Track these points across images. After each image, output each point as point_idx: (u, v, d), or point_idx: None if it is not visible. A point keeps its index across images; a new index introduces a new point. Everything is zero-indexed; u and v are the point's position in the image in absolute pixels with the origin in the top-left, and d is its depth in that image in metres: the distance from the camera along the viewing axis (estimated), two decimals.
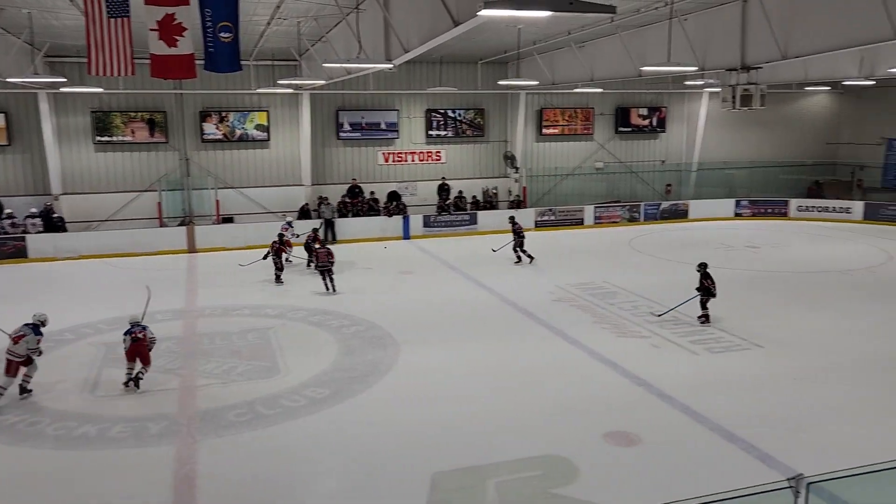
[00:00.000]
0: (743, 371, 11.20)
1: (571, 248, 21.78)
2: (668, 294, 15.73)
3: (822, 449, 8.48)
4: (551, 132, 27.19)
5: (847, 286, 16.77)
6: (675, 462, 8.29)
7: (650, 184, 28.63)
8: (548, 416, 9.62)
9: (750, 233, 24.13)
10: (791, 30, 13.52)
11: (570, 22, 16.65)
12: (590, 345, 12.50)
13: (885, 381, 10.78)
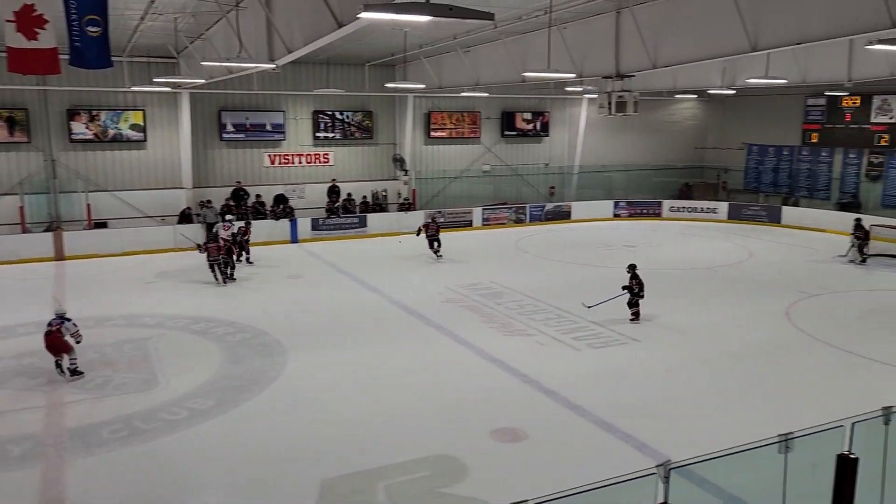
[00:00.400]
0: (621, 364, 11.75)
1: (460, 250, 22.07)
2: (553, 293, 16.29)
3: (691, 435, 9.01)
4: (439, 135, 27.48)
5: (714, 282, 17.94)
6: (559, 455, 8.58)
7: (535, 186, 29.50)
8: (436, 417, 9.71)
9: (627, 232, 25.34)
10: (660, 41, 14.33)
11: (455, 27, 16.92)
12: (478, 344, 12.72)
13: (746, 370, 11.61)
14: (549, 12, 13.65)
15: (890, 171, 24.98)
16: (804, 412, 9.37)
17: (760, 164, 29.77)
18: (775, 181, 29.15)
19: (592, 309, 14.27)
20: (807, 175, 27.98)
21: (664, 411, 9.87)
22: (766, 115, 29.20)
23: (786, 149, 28.69)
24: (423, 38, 19.10)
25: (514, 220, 26.93)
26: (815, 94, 26.66)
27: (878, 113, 25.21)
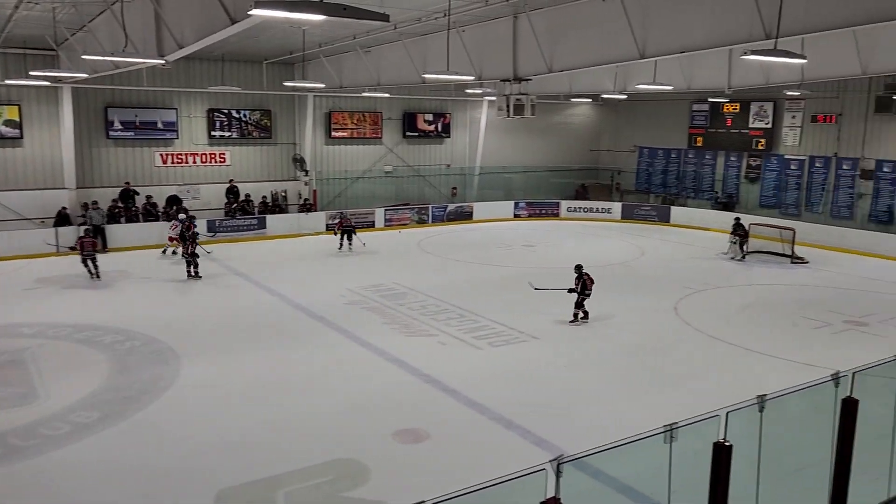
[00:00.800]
0: (521, 362, 12.00)
1: (363, 251, 21.92)
2: (455, 293, 16.44)
3: (588, 428, 9.30)
4: (341, 135, 27.17)
5: (608, 279, 18.57)
6: (461, 454, 8.66)
7: (437, 187, 29.69)
8: (337, 420, 9.60)
9: (527, 232, 25.92)
10: (556, 47, 14.74)
11: (354, 27, 16.78)
12: (380, 345, 12.67)
13: (639, 363, 12.11)
14: (447, 15, 13.75)
15: (766, 173, 26.70)
16: (692, 402, 9.84)
17: (651, 166, 31.15)
18: (664, 182, 30.58)
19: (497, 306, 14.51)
20: (693, 177, 29.51)
21: (562, 406, 10.15)
22: (656, 120, 30.60)
23: (674, 151, 30.16)
24: (322, 36, 18.84)
25: (417, 221, 27.01)
26: (699, 100, 28.17)
27: (755, 118, 26.90)
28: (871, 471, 6.56)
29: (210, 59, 23.21)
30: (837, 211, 24.42)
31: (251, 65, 24.55)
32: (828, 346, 12.97)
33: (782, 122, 26.13)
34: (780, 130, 26.23)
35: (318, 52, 20.93)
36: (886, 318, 14.96)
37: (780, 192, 26.26)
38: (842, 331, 14.04)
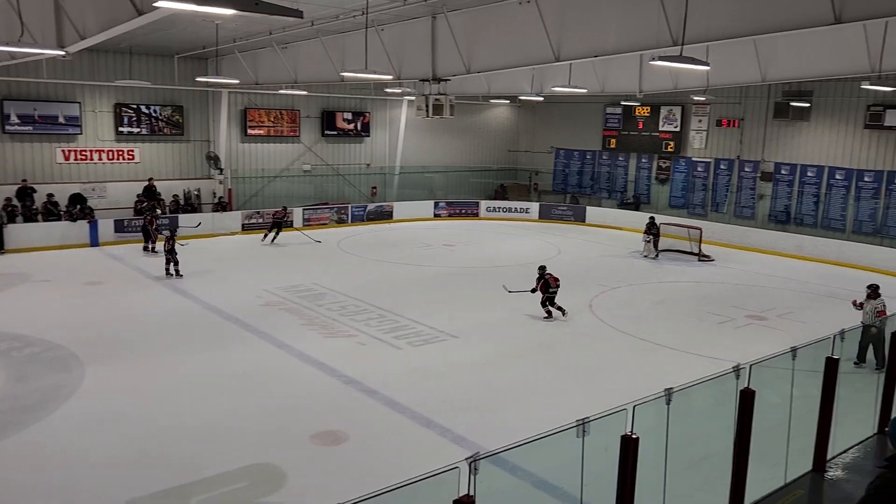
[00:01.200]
0: (440, 361, 12.05)
1: (280, 251, 21.53)
2: (375, 293, 16.35)
3: (507, 424, 9.43)
4: (257, 133, 26.56)
5: (527, 278, 18.89)
6: (380, 454, 8.62)
7: (357, 186, 29.46)
8: (253, 424, 9.39)
9: (447, 232, 26.07)
10: (473, 48, 14.89)
11: (270, 22, 16.42)
12: (298, 347, 12.47)
13: (555, 359, 12.39)
14: (365, 13, 13.67)
15: (675, 174, 27.80)
16: (605, 397, 10.12)
17: (567, 167, 31.89)
18: (580, 183, 31.37)
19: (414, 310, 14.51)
20: (607, 177, 30.40)
21: (482, 403, 10.25)
22: (572, 121, 31.34)
23: (589, 153, 30.98)
24: (236, 31, 18.36)
25: (336, 221, 26.72)
26: (612, 104, 29.03)
27: (665, 122, 27.96)
28: (769, 458, 6.93)
29: (117, 52, 22.26)
30: (740, 211, 25.68)
31: (161, 58, 23.68)
32: (731, 340, 13.61)
33: (690, 125, 27.26)
34: (687, 134, 27.35)
35: (232, 47, 20.39)
36: (784, 312, 15.82)
37: (687, 193, 27.39)
38: (744, 325, 14.77)
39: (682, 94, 23.67)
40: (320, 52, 18.46)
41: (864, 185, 22.43)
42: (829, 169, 23.22)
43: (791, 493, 5.82)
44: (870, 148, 22.28)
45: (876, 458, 6.36)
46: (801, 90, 23.15)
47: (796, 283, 18.94)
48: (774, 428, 7.08)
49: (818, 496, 6.01)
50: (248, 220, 24.63)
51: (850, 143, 22.69)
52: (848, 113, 22.57)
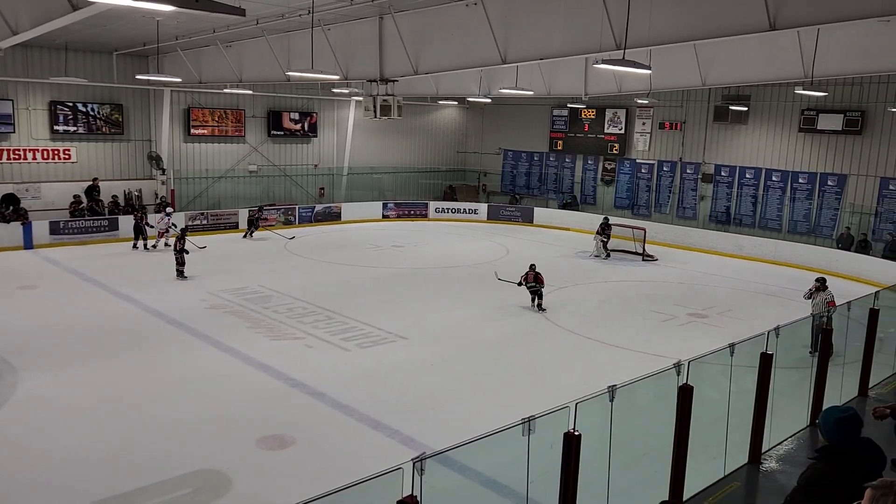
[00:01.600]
0: (389, 362, 12.02)
1: (225, 253, 21.14)
2: (323, 294, 16.21)
3: (454, 424, 9.46)
4: (201, 133, 26.02)
5: (475, 278, 19.04)
6: (327, 457, 8.56)
7: (304, 187, 29.15)
8: (198, 429, 9.21)
9: (395, 233, 26.01)
10: (421, 49, 14.91)
11: (214, 20, 16.13)
12: (244, 350, 12.27)
13: (503, 359, 12.49)
14: (311, 12, 13.55)
15: (620, 175, 28.34)
16: (552, 395, 10.27)
17: (515, 169, 32.18)
18: (528, 184, 31.70)
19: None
20: (554, 179, 30.79)
21: (429, 404, 10.27)
22: (520, 123, 31.65)
23: (536, 154, 31.33)
24: (178, 28, 17.96)
25: (283, 222, 26.39)
26: (559, 106, 29.42)
27: (610, 124, 28.47)
28: (709, 451, 7.13)
29: (52, 48, 21.53)
30: (682, 212, 26.33)
31: (100, 55, 23.00)
32: (674, 338, 13.95)
33: (634, 128, 27.82)
34: (632, 136, 27.91)
35: (174, 44, 19.94)
36: (724, 310, 16.29)
37: (632, 194, 27.95)
38: (686, 323, 15.16)
39: (627, 98, 24.14)
40: (266, 51, 18.22)
41: (799, 186, 23.27)
42: (766, 171, 24.01)
43: (728, 486, 6.00)
44: (804, 151, 23.13)
45: (807, 450, 6.61)
46: (740, 94, 23.87)
47: (735, 282, 19.52)
48: (714, 422, 7.29)
49: (753, 488, 6.21)
50: (192, 222, 24.10)
51: (786, 146, 23.51)
52: (783, 117, 23.38)
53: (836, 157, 22.32)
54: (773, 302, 17.14)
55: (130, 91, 23.95)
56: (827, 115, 22.02)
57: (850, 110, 21.58)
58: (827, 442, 3.95)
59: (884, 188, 21.34)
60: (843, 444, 3.86)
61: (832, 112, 21.88)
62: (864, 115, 21.34)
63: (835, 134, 22.11)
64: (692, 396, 5.60)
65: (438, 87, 23.95)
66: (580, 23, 11.85)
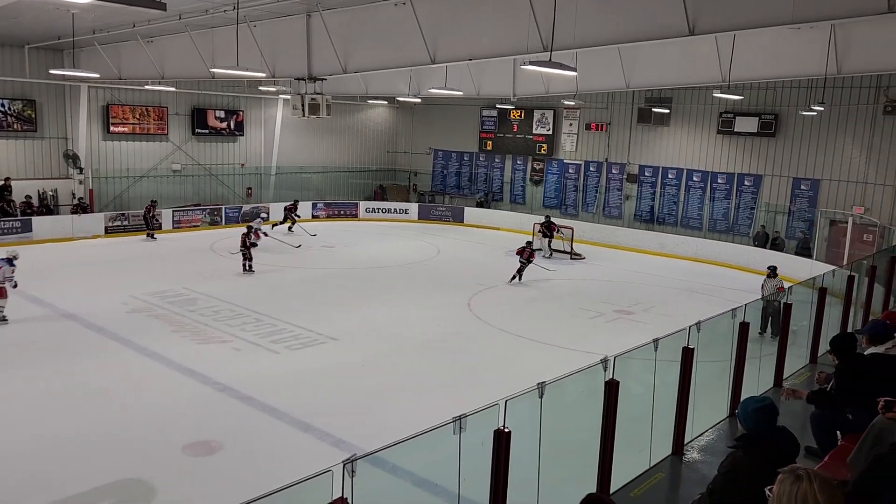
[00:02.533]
0: (319, 364, 11.87)
1: (148, 255, 20.45)
2: (251, 297, 15.88)
3: (387, 425, 9.41)
4: (121, 131, 25.05)
5: (406, 278, 19.03)
6: (256, 462, 8.38)
7: (231, 187, 28.48)
8: (121, 437, 8.87)
9: (326, 233, 25.70)
10: (350, 48, 14.79)
11: (133, 14, 15.58)
12: (168, 355, 11.90)
13: (434, 358, 12.52)
14: (236, 8, 13.26)
15: (549, 176, 28.83)
16: (483, 393, 10.34)
17: (445, 168, 32.31)
18: (458, 184, 31.88)
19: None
20: (484, 179, 31.07)
21: (361, 406, 10.19)
22: (449, 123, 31.79)
23: (466, 154, 31.54)
24: (95, 21, 17.25)
25: (209, 223, 25.72)
26: (488, 106, 29.70)
27: (538, 125, 28.92)
28: (635, 444, 7.32)
29: None
30: (609, 211, 26.99)
31: (10, 49, 21.87)
32: (601, 334, 14.28)
33: (561, 129, 28.34)
34: (559, 137, 28.43)
35: (91, 38, 19.14)
36: (649, 306, 16.79)
37: (560, 194, 28.48)
38: (613, 319, 15.54)
39: (554, 99, 24.59)
40: (189, 46, 17.71)
41: (718, 186, 24.19)
42: (688, 171, 24.87)
43: (653, 477, 6.17)
44: (722, 152, 24.06)
45: (727, 439, 6.87)
46: (662, 97, 24.64)
47: (659, 279, 20.14)
48: (639, 416, 7.49)
49: (676, 478, 6.41)
50: (112, 223, 23.21)
51: (706, 147, 24.40)
52: (703, 119, 24.27)
53: (752, 158, 23.32)
54: (695, 298, 17.77)
55: (44, 86, 22.86)
56: (743, 118, 22.97)
57: (765, 113, 22.59)
58: (745, 431, 4.12)
59: (796, 188, 22.43)
60: (759, 432, 4.03)
61: (748, 115, 22.85)
62: (778, 118, 22.37)
63: (751, 136, 23.09)
64: (618, 391, 5.74)
65: (368, 86, 23.83)
66: (508, 25, 12.00)
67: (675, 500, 5.92)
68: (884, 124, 20.43)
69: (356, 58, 14.88)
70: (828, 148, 21.59)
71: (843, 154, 21.28)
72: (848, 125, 21.06)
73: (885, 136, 20.46)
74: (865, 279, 10.94)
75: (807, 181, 22.15)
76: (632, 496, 5.73)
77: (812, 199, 22.07)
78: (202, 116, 27.07)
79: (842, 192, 21.43)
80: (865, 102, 20.62)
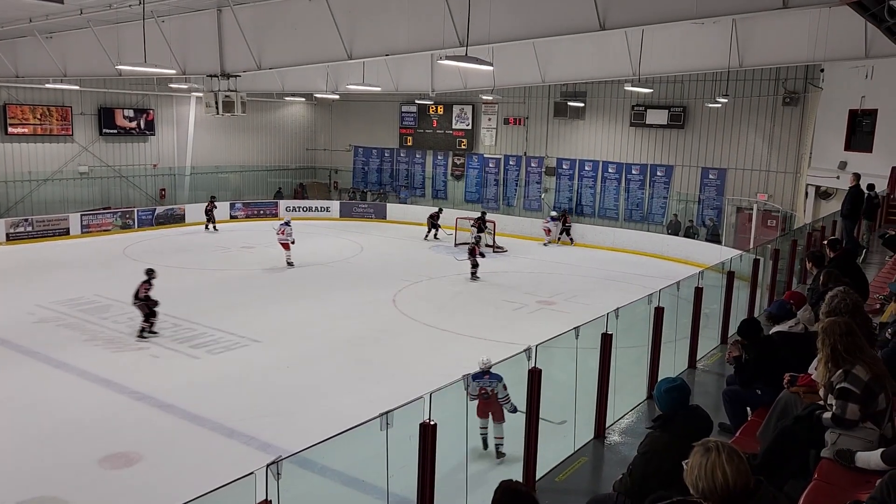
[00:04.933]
0: (242, 367, 11.62)
1: (56, 262, 19.48)
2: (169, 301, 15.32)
3: (314, 425, 9.29)
4: (21, 132, 23.70)
5: (330, 277, 18.82)
6: (179, 471, 8.14)
7: (143, 189, 27.43)
8: (32, 453, 8.45)
9: (245, 234, 25.12)
10: (264, 43, 14.49)
11: (30, 9, 14.74)
12: (81, 365, 11.39)
13: (361, 355, 12.44)
14: (142, 3, 12.78)
15: (469, 170, 29.06)
16: (409, 387, 10.36)
17: (366, 165, 32.10)
18: (380, 180, 31.73)
19: None
20: (405, 174, 31.04)
21: (287, 407, 10.04)
22: (369, 120, 31.56)
23: (387, 151, 31.41)
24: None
25: (121, 226, 24.71)
26: (407, 102, 29.65)
27: (457, 120, 29.09)
28: (560, 430, 7.49)
29: None
30: (529, 204, 27.44)
31: None
32: (525, 325, 14.52)
33: (480, 124, 28.61)
34: (478, 131, 28.69)
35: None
36: (570, 296, 17.18)
37: (481, 188, 28.75)
38: (536, 310, 15.83)
39: (472, 94, 24.80)
40: (93, 43, 16.91)
41: (632, 177, 24.97)
42: (603, 163, 25.55)
43: (576, 461, 6.32)
44: (635, 144, 24.84)
45: (645, 421, 7.11)
46: (577, 91, 25.21)
47: (579, 269, 20.64)
48: (563, 403, 7.67)
49: (599, 460, 6.58)
50: (15, 229, 21.99)
51: (620, 140, 25.13)
52: (616, 112, 24.97)
53: (664, 149, 24.17)
54: (613, 286, 18.29)
55: None
56: (654, 111, 23.77)
57: (674, 106, 23.44)
58: (660, 411, 4.28)
59: (704, 178, 23.39)
60: (673, 411, 4.19)
61: (658, 108, 23.66)
62: (686, 110, 23.26)
63: (661, 128, 23.92)
64: (541, 379, 5.85)
65: (284, 82, 23.40)
66: (424, 20, 12.01)
67: (598, 481, 6.08)
68: (783, 115, 21.56)
69: (270, 54, 14.58)
70: (733, 138, 22.61)
71: (747, 144, 22.34)
72: (751, 116, 22.12)
73: (784, 126, 21.60)
74: (770, 262, 11.51)
75: (714, 170, 23.13)
76: (556, 481, 5.85)
77: (720, 187, 23.08)
78: (110, 116, 25.93)
79: (747, 181, 22.49)
80: (766, 94, 21.70)
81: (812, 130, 20.10)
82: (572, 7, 10.78)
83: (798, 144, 21.33)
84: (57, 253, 20.76)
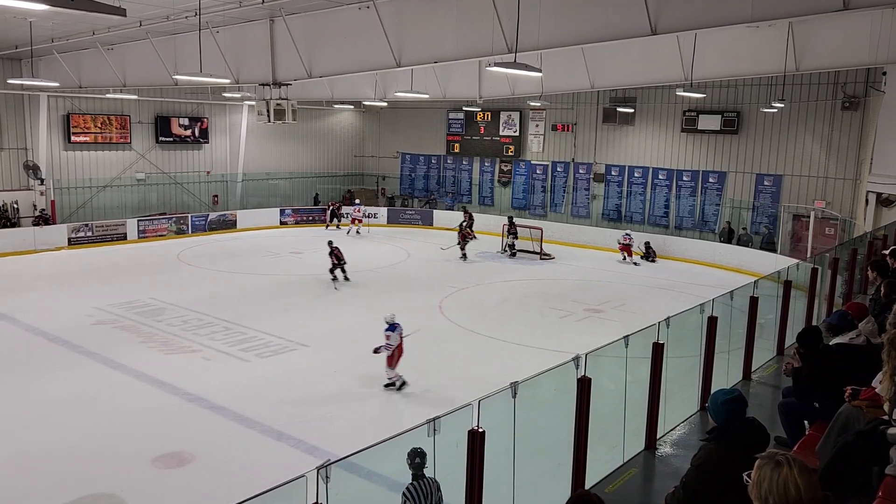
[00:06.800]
0: (290, 371, 11.77)
1: (113, 266, 20.08)
2: (219, 305, 15.67)
3: (360, 430, 9.38)
4: (83, 140, 24.59)
5: (377, 282, 18.94)
6: (229, 472, 8.28)
7: (197, 195, 28.11)
8: (89, 452, 8.71)
9: (294, 239, 25.50)
10: (314, 52, 14.69)
11: (93, 21, 15.28)
12: (136, 367, 11.70)
13: (407, 361, 12.42)
14: (198, 14, 13.09)
15: (516, 177, 28.96)
16: (457, 394, 10.35)
17: (413, 172, 32.28)
18: (427, 187, 31.86)
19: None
20: (452, 181, 31.09)
21: (333, 411, 10.12)
22: (416, 127, 31.75)
23: (434, 157, 31.53)
24: (54, 29, 16.92)
25: (175, 231, 25.35)
26: (454, 109, 29.74)
27: (504, 127, 29.05)
28: (608, 441, 7.37)
29: None
30: (577, 210, 27.19)
31: None
32: (572, 333, 14.36)
33: (528, 130, 28.50)
34: (526, 138, 28.58)
35: (50, 46, 18.75)
36: (618, 304, 16.94)
37: (528, 195, 28.62)
38: (583, 318, 15.65)
39: (520, 100, 24.69)
40: (151, 53, 17.43)
41: (683, 184, 24.52)
42: (653, 170, 25.16)
43: (627, 472, 6.22)
44: (687, 150, 24.40)
45: (698, 433, 6.95)
46: (626, 97, 24.91)
47: (628, 277, 20.34)
48: (612, 412, 7.55)
49: (650, 472, 6.46)
50: (76, 234, 22.77)
51: (670, 146, 24.73)
52: (667, 118, 24.58)
53: (716, 155, 23.68)
54: (664, 294, 17.97)
55: (2, 96, 22.36)
56: (706, 116, 23.31)
57: (727, 111, 22.95)
58: (715, 423, 4.17)
59: (759, 184, 22.82)
60: (729, 423, 4.08)
61: (711, 113, 23.20)
62: (740, 115, 22.75)
63: (714, 133, 23.45)
64: (591, 388, 5.77)
65: (333, 90, 23.69)
66: (472, 27, 12.01)
67: (649, 494, 5.96)
68: (842, 119, 20.90)
69: (321, 62, 14.77)
70: (789, 144, 22.02)
71: (804, 149, 21.72)
72: (808, 121, 21.51)
73: (843, 132, 20.93)
74: (828, 271, 11.15)
75: (769, 177, 22.56)
76: (606, 492, 5.76)
77: (775, 194, 22.48)
78: (166, 124, 26.70)
79: (803, 187, 21.86)
80: (824, 98, 21.08)
81: (873, 135, 19.41)
82: (623, 12, 10.65)
83: (858, 150, 20.64)
84: (114, 257, 21.40)
